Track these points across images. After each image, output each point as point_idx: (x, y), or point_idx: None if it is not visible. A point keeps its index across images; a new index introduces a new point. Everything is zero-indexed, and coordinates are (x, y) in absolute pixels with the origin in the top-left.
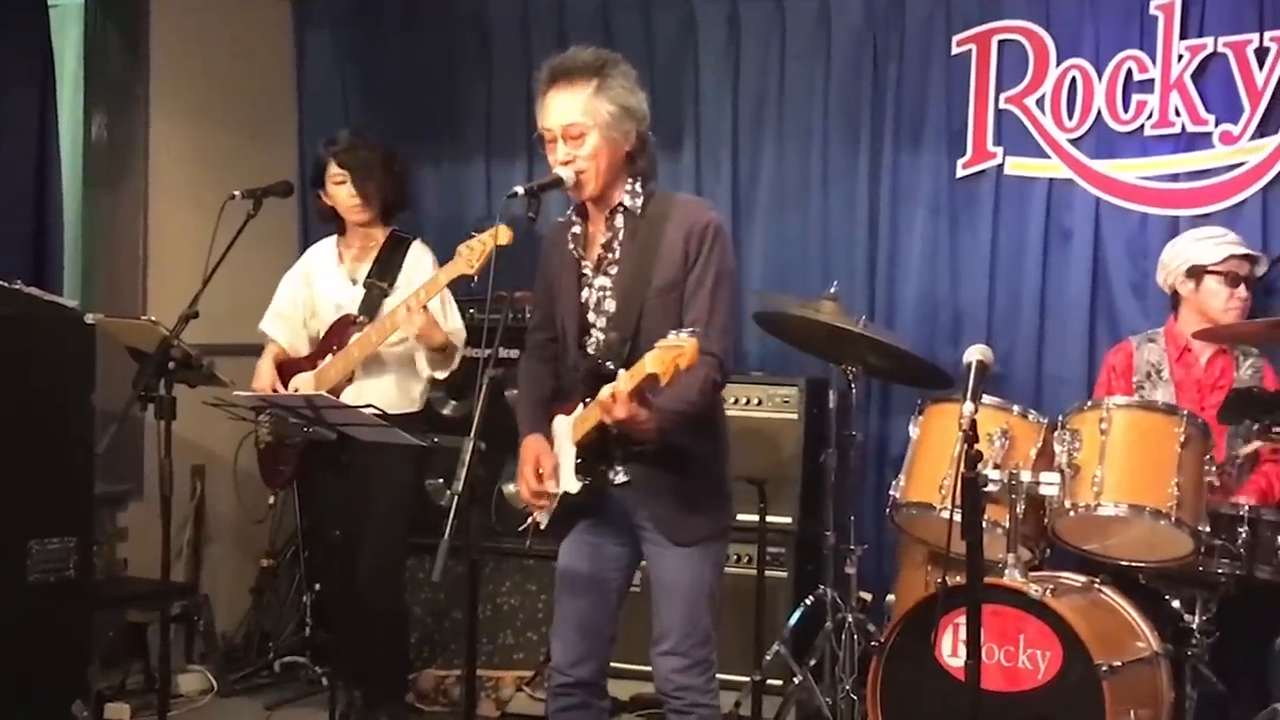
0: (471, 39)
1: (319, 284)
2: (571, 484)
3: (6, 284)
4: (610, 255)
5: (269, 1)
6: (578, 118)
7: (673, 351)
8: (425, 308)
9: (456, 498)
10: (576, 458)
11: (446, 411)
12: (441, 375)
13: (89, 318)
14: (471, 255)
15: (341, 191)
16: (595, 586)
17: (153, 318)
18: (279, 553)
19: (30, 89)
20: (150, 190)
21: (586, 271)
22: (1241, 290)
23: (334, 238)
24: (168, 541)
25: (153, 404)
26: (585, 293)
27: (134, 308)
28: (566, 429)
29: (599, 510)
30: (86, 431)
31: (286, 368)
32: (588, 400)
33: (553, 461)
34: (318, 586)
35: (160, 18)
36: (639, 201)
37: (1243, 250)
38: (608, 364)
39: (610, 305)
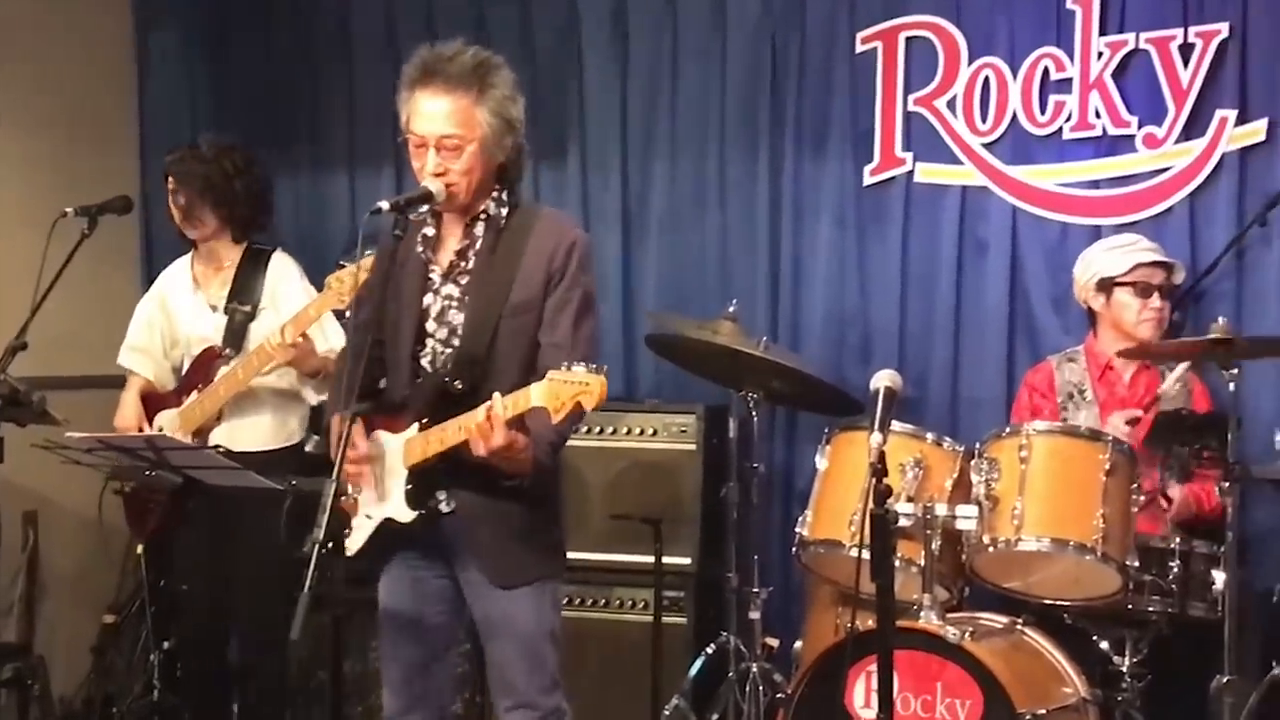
0: (332, 36)
1: (176, 312)
2: (403, 513)
3: None
4: (464, 264)
5: None
6: (456, 129)
7: (572, 388)
8: (304, 334)
9: (317, 545)
10: (407, 483)
11: (309, 448)
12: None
13: None
14: (343, 288)
15: (173, 206)
16: (419, 625)
17: None
18: (123, 607)
19: None
20: None
21: (433, 277)
22: (1155, 300)
23: (189, 257)
24: None
25: None
26: (428, 299)
27: None
28: (397, 449)
29: (418, 539)
30: None
31: (152, 403)
32: (426, 420)
33: (365, 449)
34: (166, 644)
35: None
36: (503, 212)
37: (1152, 258)
38: (456, 383)
39: (455, 317)
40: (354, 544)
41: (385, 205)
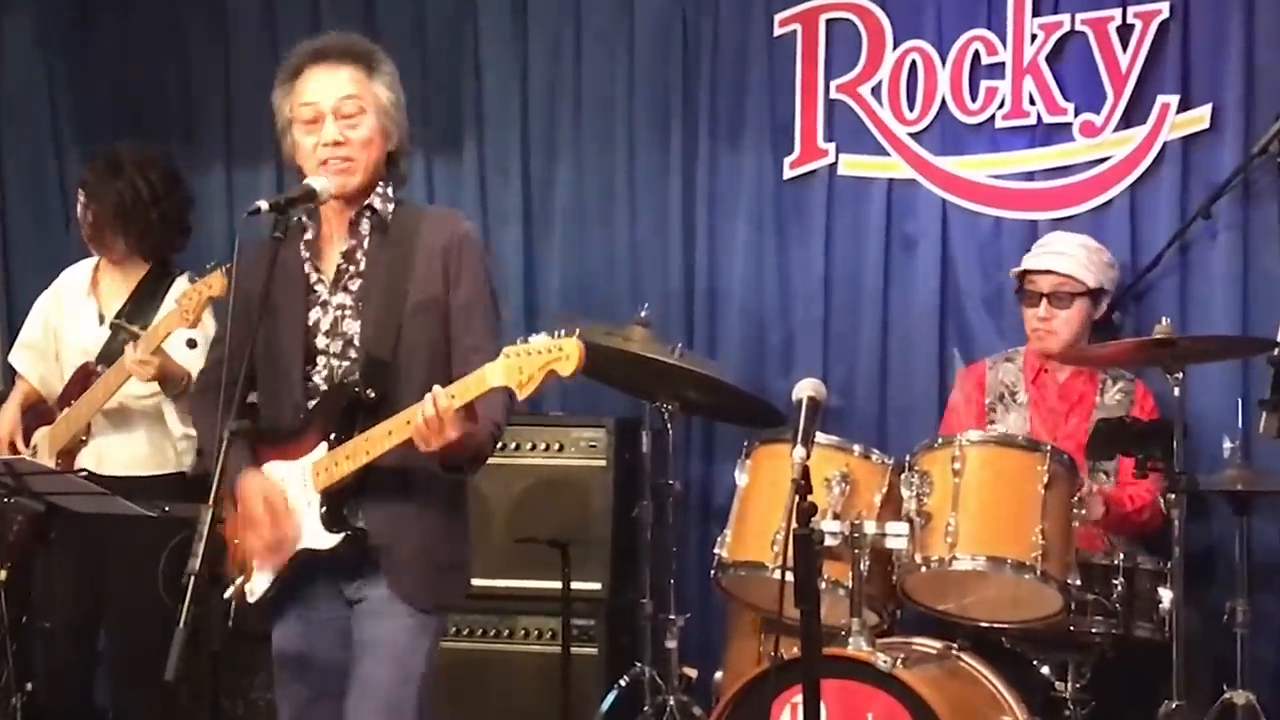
0: (205, 23)
1: (66, 316)
2: (323, 539)
3: None
4: (353, 268)
5: None
6: (355, 90)
7: (540, 358)
8: (160, 348)
9: (193, 577)
10: (321, 506)
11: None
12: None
13: None
14: (188, 305)
15: (80, 219)
16: (317, 668)
17: None
18: None
19: None
20: None
21: (319, 289)
22: (1041, 309)
23: (96, 258)
24: None
25: None
26: (315, 314)
27: None
28: (300, 475)
29: (337, 566)
30: None
31: (43, 415)
32: (334, 435)
33: (284, 502)
34: (30, 686)
35: None
36: (390, 207)
37: (1024, 266)
38: (369, 391)
39: (350, 326)
40: (258, 588)
41: (264, 205)
